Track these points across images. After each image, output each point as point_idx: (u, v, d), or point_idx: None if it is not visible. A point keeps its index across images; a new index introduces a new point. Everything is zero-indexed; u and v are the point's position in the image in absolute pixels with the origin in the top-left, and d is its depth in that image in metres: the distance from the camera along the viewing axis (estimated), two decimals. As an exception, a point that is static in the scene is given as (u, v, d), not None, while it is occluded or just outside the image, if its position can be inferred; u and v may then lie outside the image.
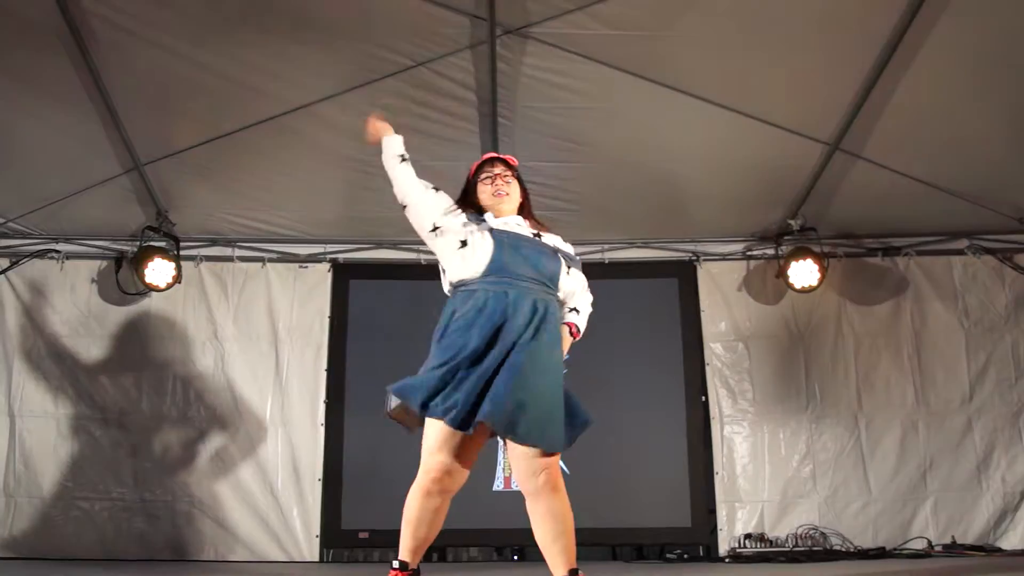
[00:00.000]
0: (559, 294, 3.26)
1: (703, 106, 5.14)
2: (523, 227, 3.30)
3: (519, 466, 3.09)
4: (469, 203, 3.40)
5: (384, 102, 4.95)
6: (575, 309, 3.38)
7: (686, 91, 5.08)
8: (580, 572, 3.00)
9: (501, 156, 3.47)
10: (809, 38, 4.72)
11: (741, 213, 6.27)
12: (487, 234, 3.16)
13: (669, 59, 4.88)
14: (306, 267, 6.42)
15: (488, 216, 3.31)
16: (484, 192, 3.36)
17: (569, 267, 3.29)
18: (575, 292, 3.36)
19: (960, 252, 6.40)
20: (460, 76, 4.99)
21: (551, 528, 3.02)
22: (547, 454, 3.03)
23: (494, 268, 3.11)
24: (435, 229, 3.32)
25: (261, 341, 6.27)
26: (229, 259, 6.40)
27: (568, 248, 3.41)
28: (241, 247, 6.40)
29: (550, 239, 3.35)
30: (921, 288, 6.35)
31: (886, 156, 5.56)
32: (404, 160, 3.55)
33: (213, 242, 6.40)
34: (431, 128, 5.34)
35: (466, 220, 3.26)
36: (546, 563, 3.01)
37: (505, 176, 3.37)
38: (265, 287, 6.36)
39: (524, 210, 3.42)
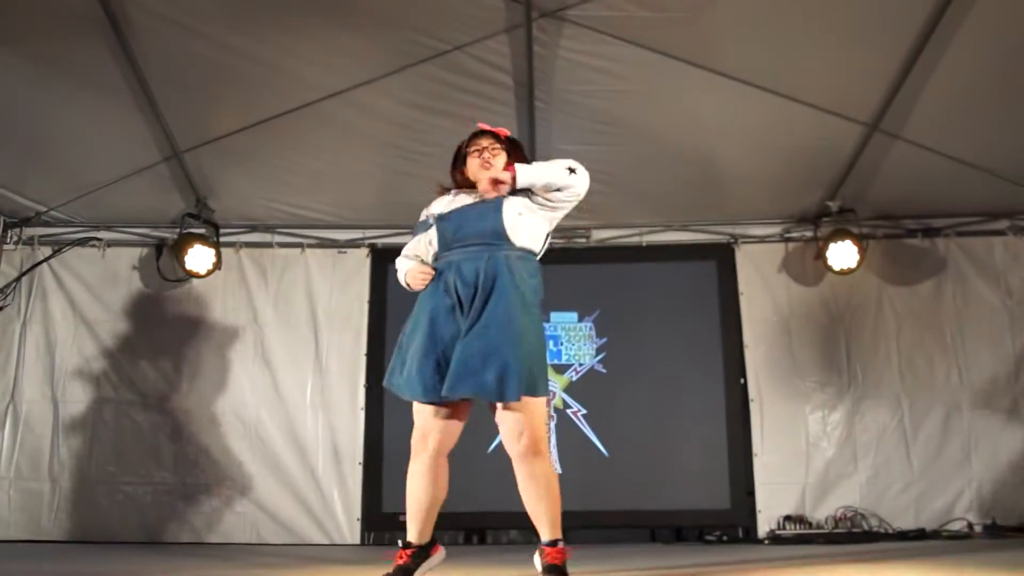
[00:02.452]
0: (514, 241, 3.27)
1: (741, 87, 5.12)
2: (472, 196, 3.39)
3: (502, 429, 3.19)
4: (458, 173, 3.55)
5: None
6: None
7: (724, 73, 5.06)
8: (562, 544, 3.10)
9: (491, 128, 3.55)
10: (847, 18, 4.67)
11: (779, 195, 6.23)
12: (433, 226, 3.38)
13: (706, 41, 4.86)
14: (345, 252, 6.47)
15: (441, 201, 3.49)
16: (472, 164, 3.46)
17: (521, 212, 3.29)
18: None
19: (1001, 232, 6.33)
20: (496, 60, 4.99)
21: (533, 491, 3.13)
22: (528, 417, 3.12)
23: (441, 247, 3.33)
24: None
25: (301, 326, 6.33)
26: (268, 245, 6.46)
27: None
28: (280, 233, 6.46)
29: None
30: (962, 268, 6.29)
31: (925, 136, 5.50)
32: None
33: (252, 228, 6.47)
34: (467, 113, 5.31)
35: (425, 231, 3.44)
36: (581, 545, 3.08)
37: (493, 148, 3.46)
38: (304, 272, 6.41)
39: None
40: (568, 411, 6.24)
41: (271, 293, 6.39)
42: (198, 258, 6.07)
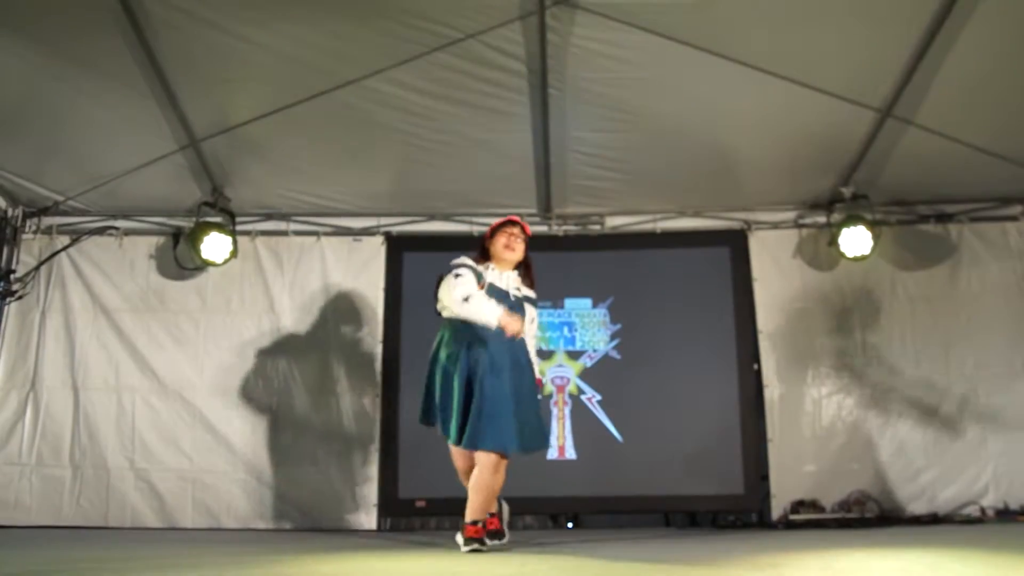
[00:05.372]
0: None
1: (754, 74, 5.12)
2: (510, 282, 4.43)
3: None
4: (483, 248, 4.52)
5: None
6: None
7: (737, 59, 5.06)
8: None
9: (520, 222, 4.54)
10: (860, 4, 4.67)
11: (792, 181, 6.23)
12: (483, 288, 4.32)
13: (719, 27, 4.85)
14: (360, 240, 6.51)
15: (488, 269, 4.41)
16: (499, 243, 4.45)
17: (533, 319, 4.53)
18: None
19: (1014, 218, 6.33)
20: (510, 47, 5.00)
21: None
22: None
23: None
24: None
25: (317, 314, 6.37)
26: (284, 233, 6.51)
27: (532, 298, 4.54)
28: (296, 221, 6.51)
29: (524, 292, 4.49)
30: (977, 253, 6.29)
31: (938, 122, 5.49)
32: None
33: (268, 217, 6.51)
34: (481, 100, 5.37)
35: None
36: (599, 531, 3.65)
37: (518, 237, 4.46)
38: (320, 260, 6.46)
39: (521, 266, 4.51)
40: (582, 397, 6.28)
41: (287, 281, 6.43)
42: (215, 246, 6.12)
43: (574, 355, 6.37)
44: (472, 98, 5.32)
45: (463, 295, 4.24)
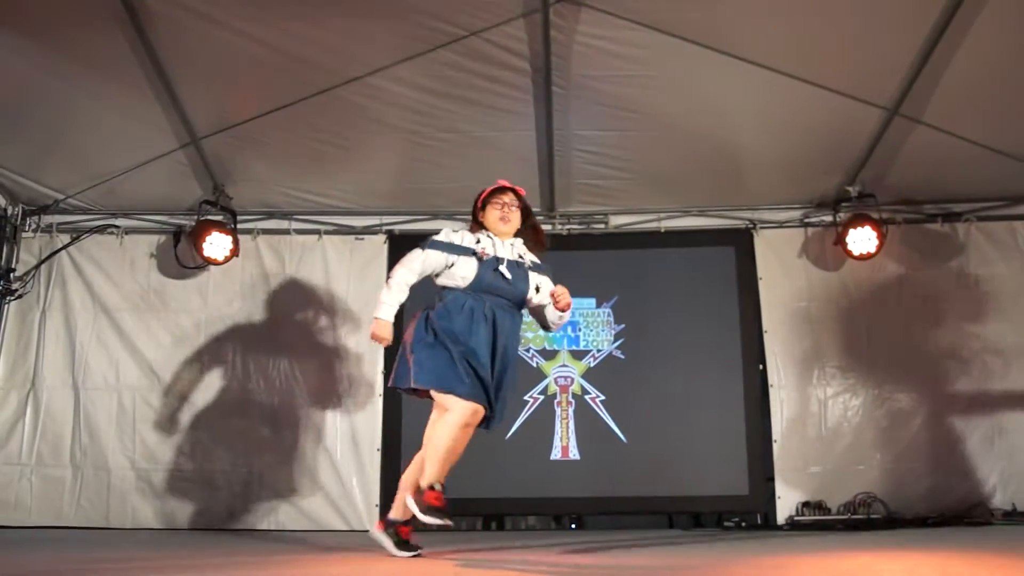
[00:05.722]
0: (523, 310, 4.16)
1: (760, 72, 5.08)
2: (513, 249, 4.09)
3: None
4: (476, 220, 4.20)
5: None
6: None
7: (742, 57, 5.02)
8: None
9: (512, 187, 4.19)
10: (867, 2, 4.63)
11: (798, 180, 6.19)
12: (472, 259, 3.97)
13: (725, 25, 4.82)
14: (362, 239, 6.47)
15: (482, 237, 4.06)
16: (492, 215, 4.12)
17: (538, 287, 4.11)
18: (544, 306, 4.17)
19: (1021, 217, 6.28)
20: (513, 45, 4.97)
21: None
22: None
23: (475, 285, 3.95)
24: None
25: (318, 313, 6.34)
26: (286, 232, 6.47)
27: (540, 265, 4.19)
28: (297, 220, 6.47)
29: (531, 258, 4.14)
30: (984, 253, 6.23)
31: (945, 120, 5.44)
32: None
33: (270, 215, 6.47)
34: (485, 99, 5.34)
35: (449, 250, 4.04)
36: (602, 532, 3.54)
37: (512, 205, 4.12)
38: (322, 259, 6.42)
39: (528, 229, 4.21)
40: (586, 397, 6.24)
41: (288, 280, 6.40)
42: (216, 245, 6.09)
43: (578, 355, 6.33)
44: (476, 96, 5.28)
45: (398, 276, 4.04)
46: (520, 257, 4.08)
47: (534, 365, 6.30)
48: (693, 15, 4.72)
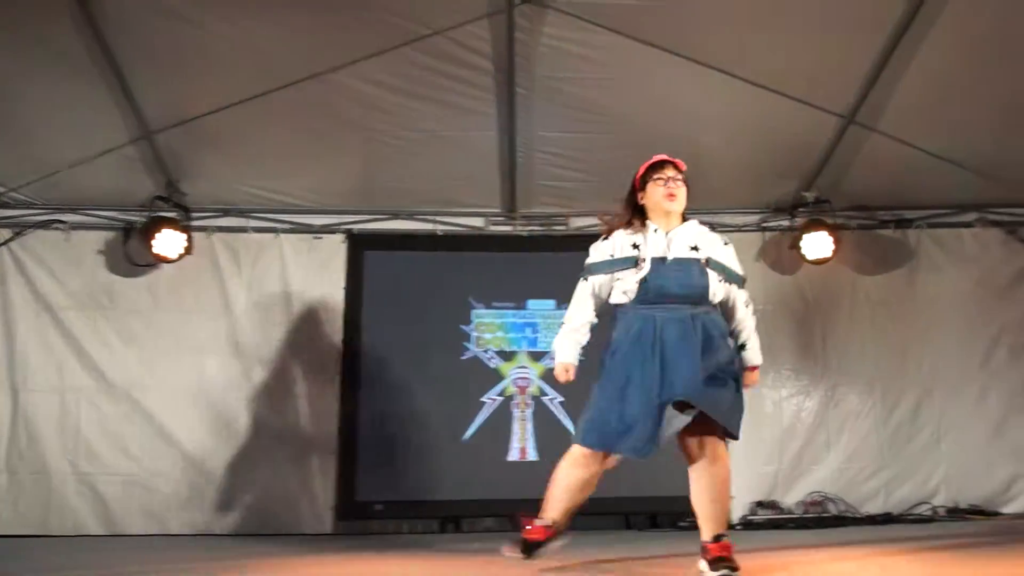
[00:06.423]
0: (713, 302, 3.47)
1: (721, 77, 5.14)
2: (685, 238, 3.44)
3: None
4: (633, 206, 3.59)
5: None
6: (743, 345, 3.64)
7: (704, 62, 5.08)
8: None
9: (672, 160, 3.58)
10: (826, 11, 4.73)
11: (756, 185, 6.26)
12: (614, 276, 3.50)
13: (688, 30, 4.87)
14: (321, 238, 6.37)
15: (650, 231, 3.47)
16: (656, 192, 3.50)
17: (721, 278, 3.46)
18: (737, 316, 3.60)
19: (969, 224, 6.44)
20: (477, 45, 4.96)
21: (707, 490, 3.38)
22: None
23: (642, 295, 3.40)
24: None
25: (275, 312, 6.21)
26: (242, 230, 6.32)
27: (720, 248, 3.52)
28: (255, 217, 6.33)
29: (707, 242, 3.48)
30: (934, 259, 6.40)
31: (899, 129, 5.57)
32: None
33: (226, 212, 6.32)
34: (447, 98, 5.31)
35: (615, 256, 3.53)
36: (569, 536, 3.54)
37: (676, 180, 3.51)
38: (279, 258, 6.29)
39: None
40: (544, 398, 6.23)
41: (244, 279, 6.25)
42: (168, 242, 5.93)
43: (536, 356, 6.32)
44: (438, 95, 5.25)
45: (568, 317, 3.68)
46: (695, 249, 3.45)
47: (492, 367, 6.27)
48: (657, 19, 4.76)
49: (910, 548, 3.85)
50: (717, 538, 3.25)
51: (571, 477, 3.54)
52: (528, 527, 3.56)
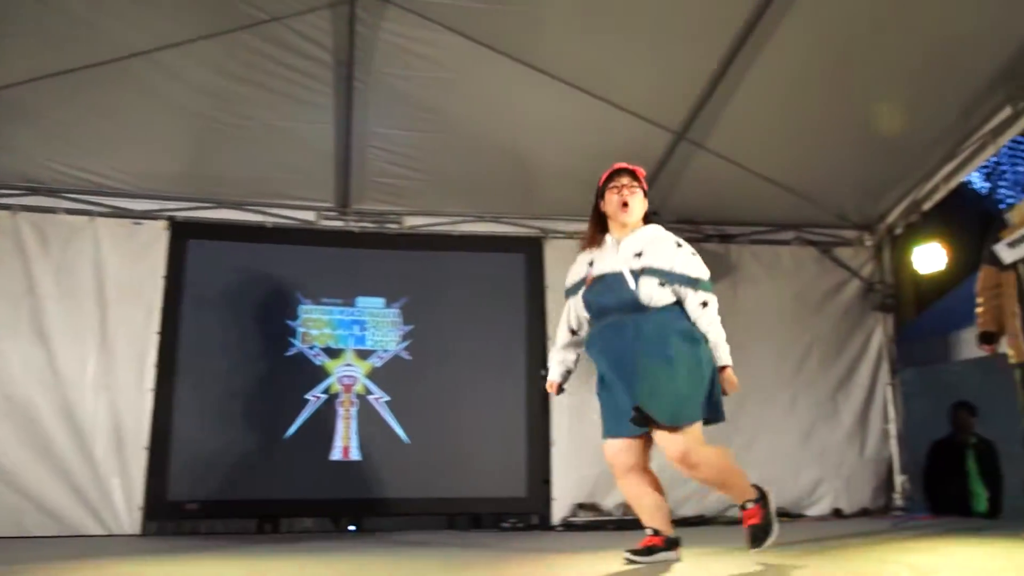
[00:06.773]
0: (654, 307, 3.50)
1: (558, 86, 5.22)
2: (630, 248, 3.55)
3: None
4: (597, 215, 3.75)
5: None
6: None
7: (543, 70, 5.15)
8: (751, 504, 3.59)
9: (630, 167, 3.72)
10: (664, 28, 4.86)
11: (589, 194, 6.33)
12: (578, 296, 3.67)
13: (529, 37, 4.93)
14: (140, 224, 6.03)
15: (602, 252, 3.65)
16: (611, 204, 3.64)
17: (663, 282, 3.49)
18: (692, 317, 3.67)
19: (786, 242, 6.82)
20: (317, 35, 4.87)
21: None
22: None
23: (591, 311, 3.64)
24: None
25: (86, 299, 5.81)
26: (53, 211, 5.88)
27: (665, 251, 3.57)
28: (67, 198, 5.91)
29: (653, 247, 3.56)
30: (753, 273, 6.72)
31: (726, 148, 5.83)
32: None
33: (33, 191, 5.86)
34: (283, 87, 5.18)
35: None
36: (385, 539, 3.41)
37: (631, 187, 3.64)
38: (93, 243, 5.89)
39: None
40: (370, 397, 6.14)
41: (52, 262, 5.82)
42: (-34, 220, 5.49)
43: (363, 354, 6.23)
44: (274, 83, 5.11)
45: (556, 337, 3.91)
46: (637, 256, 3.52)
47: (317, 364, 6.14)
48: (499, 24, 4.78)
49: (717, 550, 4.02)
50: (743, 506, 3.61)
51: (625, 490, 3.84)
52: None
